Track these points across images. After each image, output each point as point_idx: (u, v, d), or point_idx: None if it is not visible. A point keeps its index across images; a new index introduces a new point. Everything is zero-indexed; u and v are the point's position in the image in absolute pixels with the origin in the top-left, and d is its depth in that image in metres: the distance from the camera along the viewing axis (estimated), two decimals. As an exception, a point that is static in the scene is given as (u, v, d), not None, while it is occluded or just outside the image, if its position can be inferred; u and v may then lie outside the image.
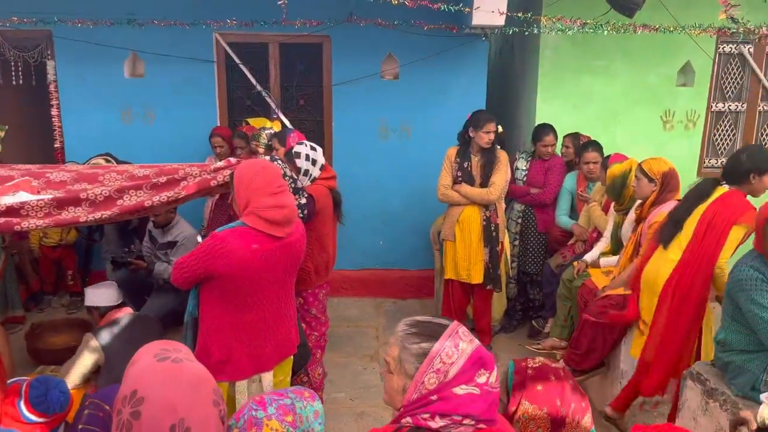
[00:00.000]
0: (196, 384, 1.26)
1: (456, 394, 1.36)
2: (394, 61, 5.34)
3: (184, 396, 1.23)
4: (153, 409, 1.20)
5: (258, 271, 2.53)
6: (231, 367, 2.64)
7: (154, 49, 5.13)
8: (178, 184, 2.97)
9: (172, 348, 1.34)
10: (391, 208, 5.55)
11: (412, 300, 5.63)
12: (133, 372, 1.29)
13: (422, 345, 1.40)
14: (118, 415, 1.23)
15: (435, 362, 1.38)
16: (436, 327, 1.44)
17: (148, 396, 1.22)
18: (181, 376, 1.26)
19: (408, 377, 1.40)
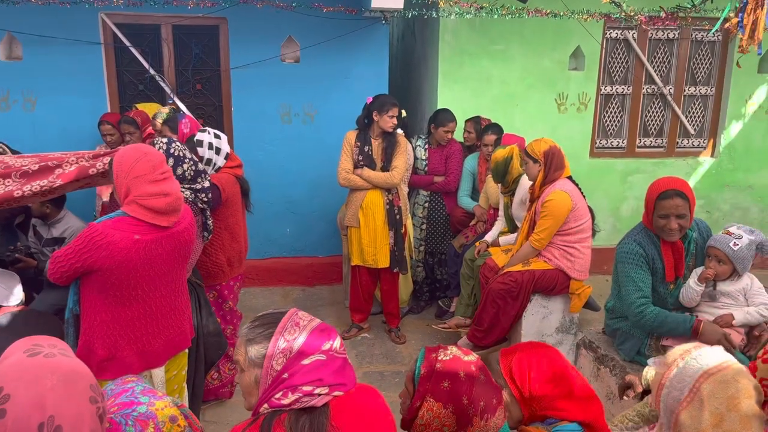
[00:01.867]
0: (70, 379, 1.17)
1: (303, 365, 1.44)
2: (294, 44, 5.23)
3: (55, 392, 1.14)
4: (19, 407, 1.11)
5: (141, 262, 2.40)
6: (116, 365, 2.49)
7: (33, 30, 4.76)
8: (52, 172, 2.77)
9: (47, 343, 1.24)
10: (297, 195, 5.47)
11: (321, 287, 5.59)
12: (1, 369, 1.18)
13: (265, 333, 1.48)
14: None
15: (279, 343, 1.45)
16: (276, 315, 1.53)
17: (15, 393, 1.12)
18: (52, 371, 1.16)
19: (258, 367, 1.47)
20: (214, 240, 3.45)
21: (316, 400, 1.44)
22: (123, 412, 1.50)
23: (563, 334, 3.87)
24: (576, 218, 3.62)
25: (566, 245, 3.67)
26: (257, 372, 1.47)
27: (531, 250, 3.71)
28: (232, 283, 3.68)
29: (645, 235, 2.92)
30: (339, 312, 5.08)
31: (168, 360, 2.63)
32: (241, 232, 3.70)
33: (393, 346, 4.54)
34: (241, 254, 3.71)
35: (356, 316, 4.65)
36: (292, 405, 1.43)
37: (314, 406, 1.45)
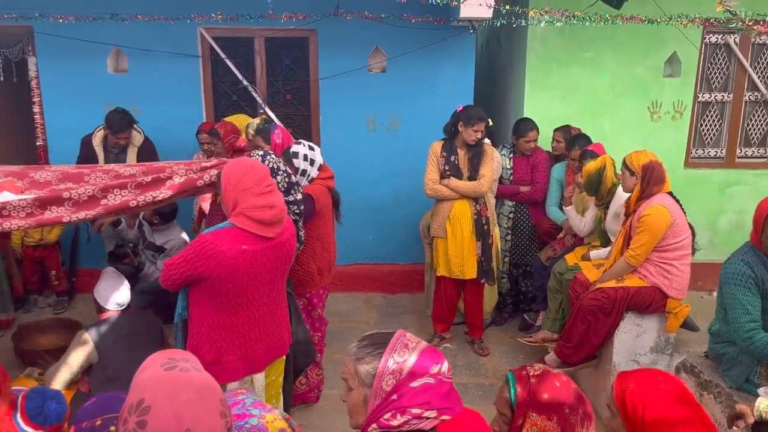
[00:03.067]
0: (204, 394, 1.24)
1: (412, 388, 1.45)
2: (381, 54, 5.30)
3: (191, 406, 1.20)
4: (159, 419, 1.18)
5: (247, 271, 2.50)
6: (222, 369, 2.61)
7: (138, 44, 5.05)
8: (164, 184, 2.92)
9: (180, 357, 1.32)
10: (380, 202, 5.52)
11: (402, 294, 5.62)
12: (140, 380, 1.26)
13: (375, 353, 1.50)
14: (124, 424, 1.21)
15: (389, 364, 1.47)
16: (384, 335, 1.56)
17: (154, 405, 1.19)
18: (188, 385, 1.23)
19: (367, 387, 1.49)
20: (306, 249, 3.54)
21: (424, 424, 1.46)
22: (236, 425, 1.57)
23: (658, 354, 3.72)
24: (675, 234, 3.47)
25: (664, 262, 3.53)
26: (366, 391, 1.50)
27: (626, 266, 3.59)
28: (322, 292, 3.76)
29: (754, 255, 2.77)
30: (420, 320, 5.09)
31: (268, 365, 2.73)
32: (332, 242, 3.79)
33: (476, 358, 4.50)
34: (330, 263, 3.79)
35: (439, 325, 4.64)
36: (401, 427, 1.46)
37: (422, 429, 1.47)
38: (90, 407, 1.55)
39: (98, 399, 1.57)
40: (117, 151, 4.78)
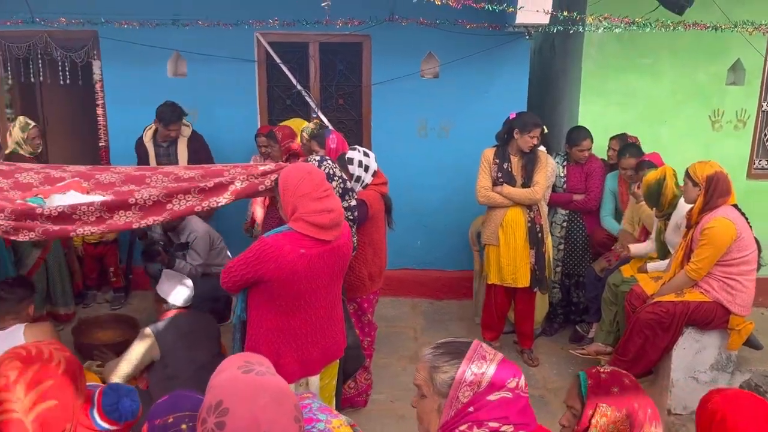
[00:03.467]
0: (280, 398, 1.26)
1: (490, 401, 1.43)
2: (434, 60, 5.29)
3: (268, 410, 1.23)
4: (237, 421, 1.21)
5: (306, 275, 2.53)
6: (279, 371, 2.60)
7: (197, 49, 5.18)
8: (226, 189, 2.98)
9: (256, 361, 1.35)
10: (429, 208, 5.51)
11: (450, 301, 5.58)
12: (217, 382, 1.29)
13: (452, 362, 1.48)
14: (203, 424, 1.24)
15: (467, 375, 1.45)
16: (460, 344, 1.54)
17: (233, 407, 1.22)
18: (264, 389, 1.26)
19: (442, 396, 1.47)
20: (358, 255, 3.56)
21: None
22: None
23: (718, 372, 3.60)
24: (740, 249, 3.35)
25: (727, 277, 3.41)
26: (441, 401, 1.48)
27: (686, 279, 3.48)
28: (372, 297, 3.78)
29: None
30: (468, 328, 5.05)
31: (323, 368, 2.75)
32: (383, 248, 3.80)
33: (525, 368, 4.43)
34: (381, 269, 3.80)
35: (488, 333, 4.60)
36: None
37: None
38: (162, 405, 1.59)
39: (171, 397, 1.61)
40: (167, 145, 4.88)
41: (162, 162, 4.80)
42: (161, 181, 3.64)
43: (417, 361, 4.44)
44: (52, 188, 3.62)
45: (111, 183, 3.64)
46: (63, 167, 3.86)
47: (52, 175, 3.75)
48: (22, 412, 1.41)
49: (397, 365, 4.48)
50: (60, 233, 2.95)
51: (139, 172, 3.74)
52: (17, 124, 4.63)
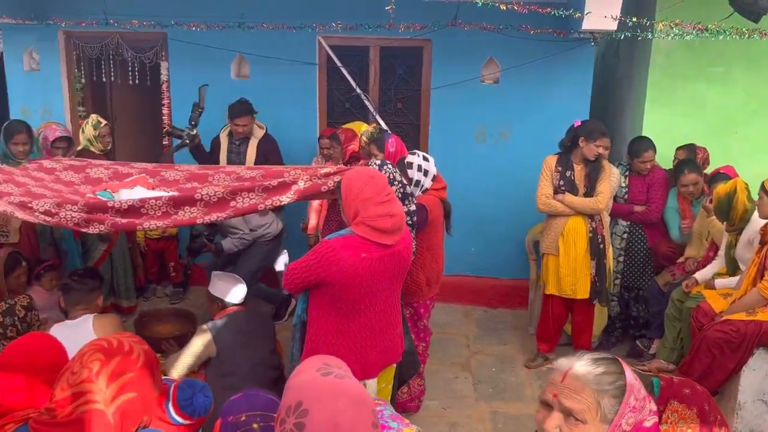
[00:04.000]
0: (358, 403, 1.26)
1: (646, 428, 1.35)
2: (495, 65, 5.24)
3: (347, 413, 1.22)
4: (317, 423, 1.21)
5: (367, 278, 2.53)
6: None
7: (260, 51, 5.28)
8: (289, 188, 3.02)
9: (334, 364, 1.35)
10: (485, 215, 5.44)
11: (503, 309, 5.50)
12: (296, 383, 1.30)
13: (616, 383, 1.35)
14: (281, 425, 1.24)
15: (631, 401, 1.33)
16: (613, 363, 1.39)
17: (313, 409, 1.22)
18: (344, 392, 1.25)
19: (606, 422, 1.33)
20: (416, 260, 3.54)
21: None
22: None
23: (790, 396, 3.42)
24: (819, 268, 3.19)
25: (804, 297, 3.24)
26: (603, 427, 1.34)
27: (759, 298, 3.33)
28: (429, 302, 3.76)
29: None
30: (522, 338, 4.97)
31: (381, 371, 2.75)
32: (441, 253, 3.78)
33: (581, 382, 4.32)
34: (438, 274, 3.78)
35: (543, 345, 4.51)
36: None
37: None
38: (236, 402, 1.61)
39: (244, 395, 1.63)
40: (239, 143, 4.90)
41: (231, 158, 4.86)
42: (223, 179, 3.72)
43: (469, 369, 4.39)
44: (120, 183, 3.76)
45: (175, 180, 3.75)
46: (130, 164, 3.99)
47: (120, 171, 3.89)
48: (104, 403, 1.44)
49: (448, 372, 4.44)
50: (127, 226, 3.04)
51: (202, 170, 3.84)
52: (90, 122, 4.81)
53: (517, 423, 3.89)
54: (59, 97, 5.61)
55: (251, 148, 4.83)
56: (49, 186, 3.55)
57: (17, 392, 1.79)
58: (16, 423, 1.55)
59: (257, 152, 4.80)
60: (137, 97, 6.23)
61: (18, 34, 5.46)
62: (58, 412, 1.45)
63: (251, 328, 3.48)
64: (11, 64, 5.61)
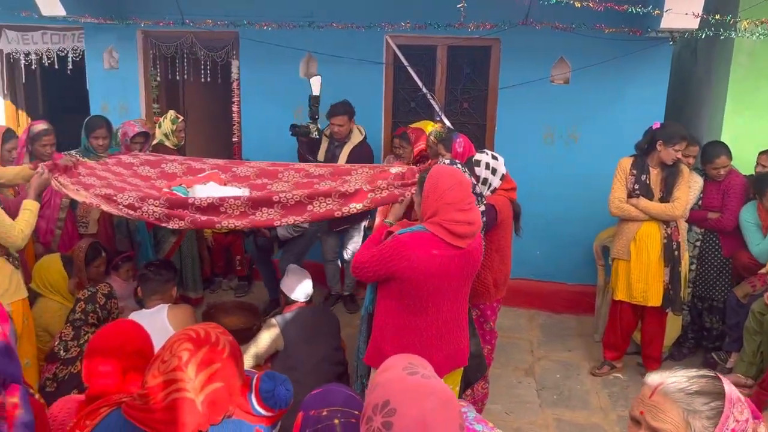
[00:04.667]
0: (446, 404, 1.25)
1: None
2: (565, 65, 5.12)
3: (436, 414, 1.21)
4: (405, 422, 1.20)
5: (436, 276, 2.52)
6: None
7: (328, 50, 5.33)
8: (366, 196, 3.05)
9: (419, 363, 1.34)
10: (551, 217, 5.33)
11: (568, 315, 5.37)
12: (382, 381, 1.29)
13: (712, 405, 1.25)
14: (368, 422, 1.24)
15: (730, 423, 1.23)
16: (710, 381, 1.29)
17: (401, 408, 1.21)
18: (432, 393, 1.24)
19: None
20: (485, 261, 3.47)
21: None
22: None
23: None
24: None
25: None
26: None
27: None
28: (495, 304, 3.71)
29: None
30: (587, 345, 4.84)
31: (446, 375, 2.72)
32: (509, 255, 3.72)
33: (651, 393, 4.17)
34: (506, 276, 3.73)
35: (610, 353, 4.38)
36: None
37: None
38: (316, 397, 1.62)
39: (324, 390, 1.65)
40: (336, 144, 4.85)
41: (327, 157, 4.81)
42: (293, 176, 3.79)
43: (533, 374, 4.31)
44: (193, 179, 3.87)
45: (246, 176, 3.84)
46: (202, 160, 4.11)
47: (193, 166, 4.01)
48: (194, 392, 1.48)
49: (512, 376, 4.37)
50: (206, 224, 3.13)
51: (272, 167, 3.92)
52: (168, 117, 4.97)
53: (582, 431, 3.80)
54: (136, 94, 5.83)
55: (344, 152, 4.74)
56: (128, 180, 3.70)
57: (108, 377, 1.87)
58: (109, 407, 1.61)
59: (349, 157, 4.71)
60: (208, 94, 6.41)
61: (100, 33, 5.70)
62: (150, 399, 1.49)
63: (316, 323, 3.52)
64: (92, 62, 5.86)
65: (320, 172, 3.75)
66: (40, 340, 3.52)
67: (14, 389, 1.60)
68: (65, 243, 4.25)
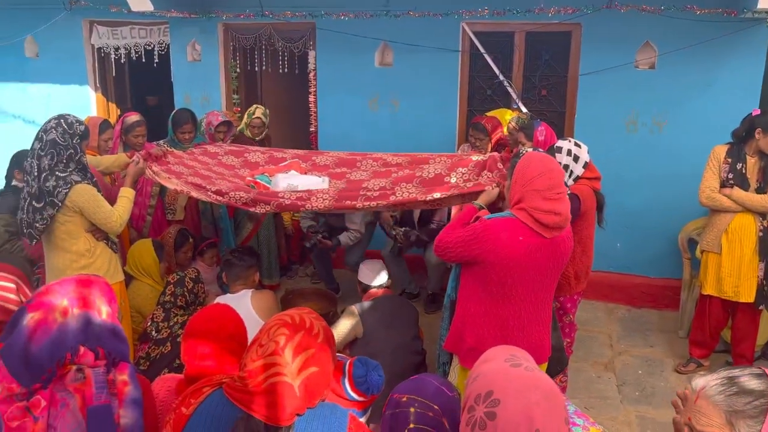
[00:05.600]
0: (551, 398, 1.23)
1: None
2: (651, 49, 4.90)
3: (541, 408, 1.20)
4: (509, 414, 1.19)
5: (520, 263, 2.48)
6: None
7: (404, 39, 5.32)
8: (448, 188, 3.06)
9: (521, 356, 1.33)
10: (633, 208, 5.13)
11: (649, 310, 5.18)
12: (485, 372, 1.29)
13: (757, 405, 1.20)
14: (469, 412, 1.24)
15: None
16: (753, 379, 1.23)
17: (505, 400, 1.21)
18: (536, 386, 1.23)
19: None
20: (566, 252, 3.42)
21: None
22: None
23: None
24: None
25: None
26: None
27: None
28: (576, 297, 3.62)
29: None
30: (671, 341, 4.65)
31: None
32: (591, 246, 3.62)
33: (741, 394, 3.98)
34: (588, 268, 3.63)
35: (697, 350, 4.20)
36: None
37: None
38: (409, 383, 1.64)
39: (418, 378, 1.66)
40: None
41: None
42: (371, 165, 3.82)
43: (612, 369, 4.19)
44: (275, 168, 3.97)
45: (326, 165, 3.90)
46: (283, 150, 4.21)
47: (275, 155, 4.11)
48: (291, 376, 1.51)
49: (590, 371, 4.27)
50: (291, 207, 3.21)
51: (350, 156, 3.96)
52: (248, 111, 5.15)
53: (668, 430, 3.66)
54: (217, 85, 6.01)
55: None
56: (213, 169, 3.83)
57: (205, 358, 1.95)
58: (211, 387, 1.67)
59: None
60: (285, 84, 6.54)
61: (183, 27, 5.91)
62: (249, 382, 1.54)
63: (395, 312, 3.54)
64: (176, 55, 6.09)
65: (398, 161, 3.76)
66: (133, 321, 3.71)
67: (123, 367, 1.69)
68: (155, 228, 4.45)
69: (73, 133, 3.09)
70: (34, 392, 1.54)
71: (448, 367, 2.90)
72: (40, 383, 1.54)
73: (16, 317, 1.59)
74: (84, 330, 1.60)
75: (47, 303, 1.58)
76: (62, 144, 3.06)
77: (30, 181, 3.09)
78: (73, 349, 1.57)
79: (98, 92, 6.56)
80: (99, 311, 1.65)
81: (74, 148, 3.11)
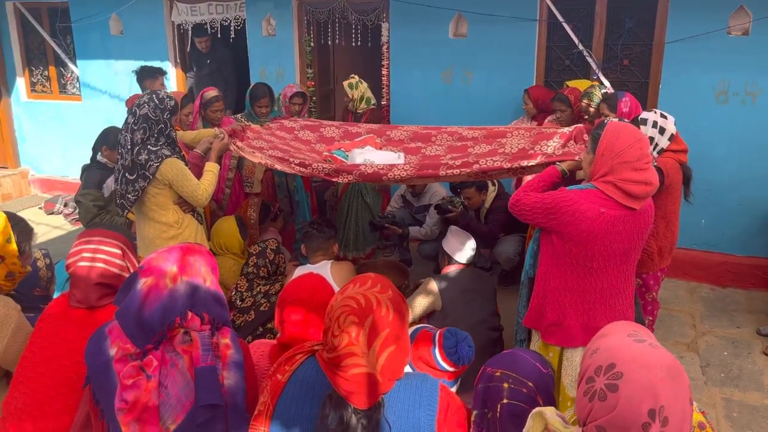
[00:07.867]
0: (677, 376, 1.21)
1: None
2: (745, 14, 4.60)
3: (666, 385, 1.18)
4: (632, 387, 1.18)
5: (602, 235, 2.42)
6: (562, 332, 2.59)
7: (480, 9, 5.21)
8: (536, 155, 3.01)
9: (643, 332, 1.30)
10: (720, 183, 4.90)
11: (734, 289, 4.96)
12: (605, 345, 1.27)
13: None
14: (588, 383, 1.24)
15: None
16: None
17: (628, 374, 1.19)
18: (661, 363, 1.21)
19: None
20: (649, 227, 3.31)
21: None
22: None
23: None
24: None
25: None
26: None
27: None
28: (659, 274, 3.52)
29: None
30: (759, 322, 4.45)
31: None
32: (676, 222, 3.50)
33: (840, 381, 3.78)
34: (672, 244, 3.52)
35: (788, 332, 4.00)
36: None
37: None
38: (502, 357, 1.64)
39: (512, 353, 1.66)
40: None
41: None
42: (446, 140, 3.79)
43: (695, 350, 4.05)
44: (351, 143, 4.00)
45: (400, 140, 3.90)
46: (358, 124, 4.23)
47: (349, 130, 4.14)
48: (371, 366, 1.51)
49: (672, 350, 4.12)
50: (372, 177, 3.24)
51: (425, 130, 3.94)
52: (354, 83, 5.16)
53: (755, 414, 3.52)
54: (291, 59, 6.09)
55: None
56: (291, 144, 3.90)
57: (298, 325, 2.01)
58: (304, 353, 1.72)
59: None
60: (357, 57, 6.55)
61: (259, 2, 6.00)
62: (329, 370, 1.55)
63: (475, 287, 3.53)
64: (252, 29, 6.19)
65: (474, 134, 3.71)
66: (218, 291, 3.87)
67: (226, 331, 1.77)
68: (233, 201, 4.60)
69: (164, 108, 3.20)
70: (146, 352, 1.63)
71: (526, 344, 2.88)
72: (152, 344, 1.63)
73: (129, 281, 1.68)
74: (191, 296, 1.68)
75: (158, 269, 1.66)
76: (153, 119, 3.18)
77: (124, 153, 3.23)
78: (182, 313, 1.65)
79: (178, 68, 6.77)
80: (204, 279, 1.73)
81: (164, 123, 3.22)
